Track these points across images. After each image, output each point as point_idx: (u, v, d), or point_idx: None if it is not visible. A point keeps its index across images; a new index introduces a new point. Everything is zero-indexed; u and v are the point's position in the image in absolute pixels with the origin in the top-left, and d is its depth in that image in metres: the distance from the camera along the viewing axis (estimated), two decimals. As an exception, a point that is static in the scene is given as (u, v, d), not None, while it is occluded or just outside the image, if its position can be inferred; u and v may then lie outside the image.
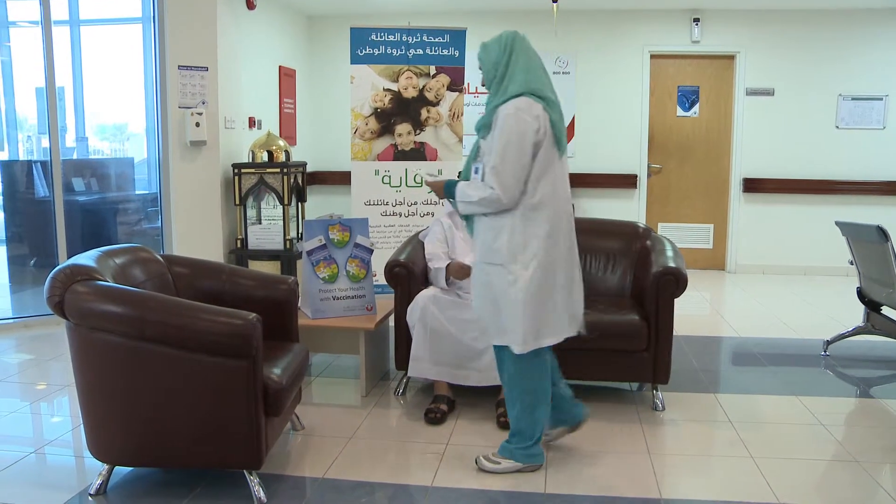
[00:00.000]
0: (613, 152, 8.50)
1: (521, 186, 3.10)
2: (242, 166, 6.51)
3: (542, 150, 3.10)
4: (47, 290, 2.97)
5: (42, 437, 3.87)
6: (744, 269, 8.55)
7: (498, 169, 3.08)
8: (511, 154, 3.06)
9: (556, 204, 3.17)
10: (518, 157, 3.07)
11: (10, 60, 7.07)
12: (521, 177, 3.09)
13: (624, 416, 4.06)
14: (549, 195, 3.15)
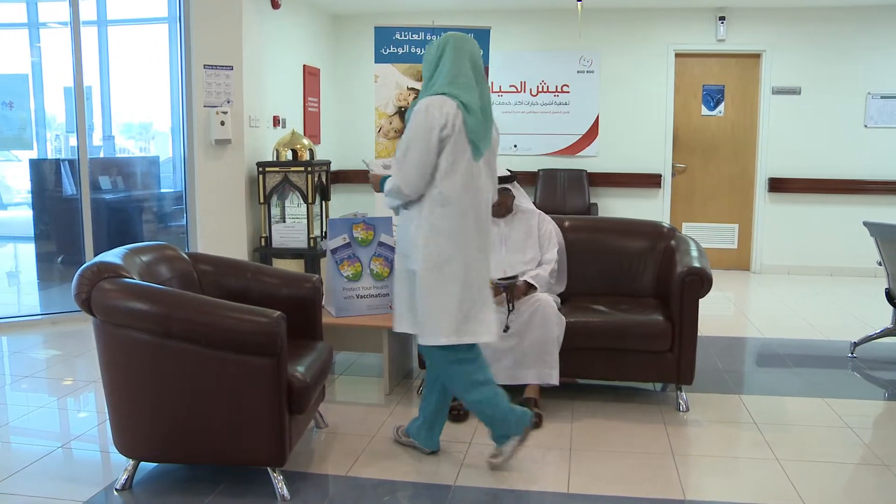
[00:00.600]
0: (637, 151, 8.46)
1: (425, 179, 3.14)
2: (267, 165, 6.53)
3: (449, 146, 3.12)
4: (75, 287, 3.00)
5: (69, 433, 3.91)
6: (769, 269, 8.48)
7: (401, 161, 3.16)
8: (414, 148, 3.12)
9: (463, 202, 3.18)
10: (420, 151, 3.11)
11: (39, 61, 7.15)
12: (424, 171, 3.13)
13: (647, 416, 4.04)
14: (457, 192, 3.16)
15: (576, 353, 4.09)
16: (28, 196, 7.24)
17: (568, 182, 8.38)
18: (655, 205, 8.48)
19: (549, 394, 4.18)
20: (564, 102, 8.49)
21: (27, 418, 4.05)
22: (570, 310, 4.22)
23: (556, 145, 8.55)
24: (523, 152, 8.56)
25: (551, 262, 4.30)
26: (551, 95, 8.50)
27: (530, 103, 8.54)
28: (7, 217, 8.99)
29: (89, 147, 6.23)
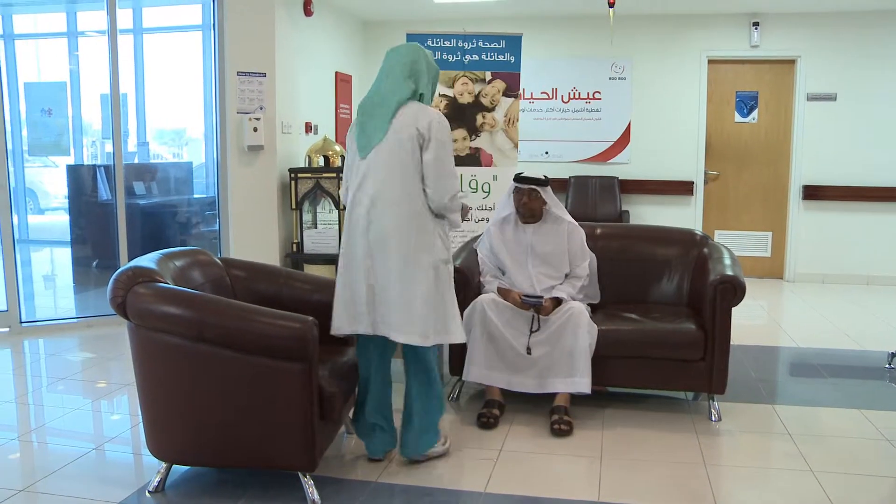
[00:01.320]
0: (670, 159, 8.41)
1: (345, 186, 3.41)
2: (299, 171, 6.58)
3: (349, 153, 3.38)
4: (110, 292, 3.03)
5: (102, 435, 3.95)
6: (803, 277, 8.37)
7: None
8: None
9: (352, 207, 3.34)
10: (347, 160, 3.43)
11: (77, 69, 7.25)
12: (346, 178, 3.41)
13: (679, 425, 4.00)
14: (351, 198, 3.36)
15: (607, 362, 4.06)
16: (65, 201, 7.35)
17: (599, 189, 8.35)
18: (688, 212, 8.42)
19: (579, 402, 4.15)
20: (596, 109, 8.47)
21: (63, 420, 4.10)
22: (602, 318, 4.20)
23: (587, 152, 8.52)
24: (554, 159, 8.54)
25: (581, 277, 4.25)
26: (583, 102, 8.48)
27: (562, 110, 8.52)
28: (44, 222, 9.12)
29: (124, 153, 6.30)
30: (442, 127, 3.25)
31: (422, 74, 3.35)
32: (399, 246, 3.24)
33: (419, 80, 3.34)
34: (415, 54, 3.37)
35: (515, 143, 6.39)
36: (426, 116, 3.26)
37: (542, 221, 4.34)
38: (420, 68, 3.34)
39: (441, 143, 3.24)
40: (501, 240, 4.34)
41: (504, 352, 4.03)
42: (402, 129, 3.25)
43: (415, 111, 3.27)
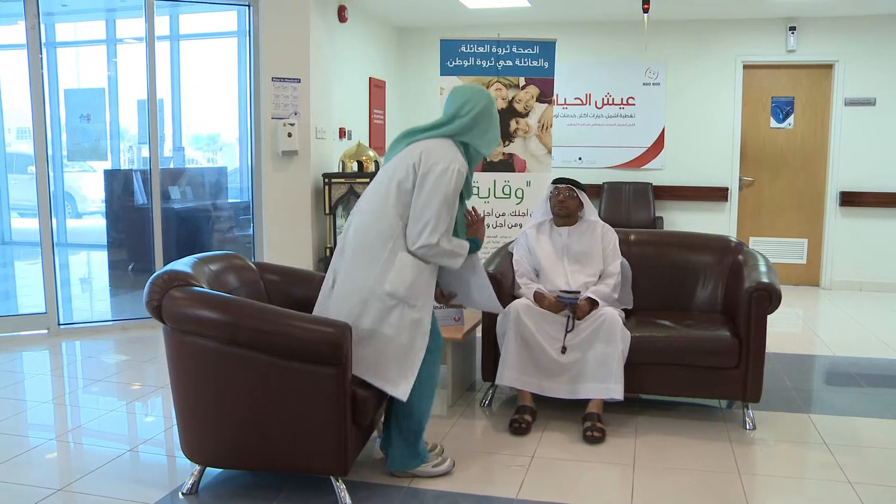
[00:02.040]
0: (704, 164, 8.34)
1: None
2: (333, 176, 6.61)
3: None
4: (146, 295, 3.06)
5: (137, 436, 3.99)
6: (839, 285, 8.25)
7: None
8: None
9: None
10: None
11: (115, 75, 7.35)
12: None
13: (713, 433, 3.97)
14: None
15: (640, 369, 4.04)
16: (102, 205, 7.44)
17: (633, 195, 8.30)
18: (722, 219, 8.34)
19: (611, 409, 4.13)
20: (630, 115, 8.42)
21: (98, 421, 4.15)
22: (635, 324, 4.18)
23: (620, 158, 8.48)
24: (588, 165, 8.51)
25: (614, 276, 4.26)
26: (616, 108, 8.44)
27: (595, 116, 8.49)
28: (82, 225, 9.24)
29: (160, 158, 6.38)
30: (443, 174, 3.05)
31: (466, 118, 3.19)
32: (350, 257, 3.19)
33: (462, 122, 3.19)
34: (470, 96, 3.25)
35: (549, 149, 6.37)
36: (435, 157, 3.09)
37: (577, 224, 4.39)
38: (469, 111, 3.20)
39: (432, 189, 3.05)
40: (538, 242, 4.39)
41: (537, 356, 4.02)
42: (406, 156, 3.16)
43: (431, 147, 3.14)
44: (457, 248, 3.18)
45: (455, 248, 3.18)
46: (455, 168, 3.09)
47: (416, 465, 3.39)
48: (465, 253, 3.23)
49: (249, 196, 6.66)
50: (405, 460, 3.38)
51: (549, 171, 6.34)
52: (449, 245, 3.13)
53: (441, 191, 3.06)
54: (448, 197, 3.08)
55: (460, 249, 3.20)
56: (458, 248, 3.19)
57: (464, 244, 3.23)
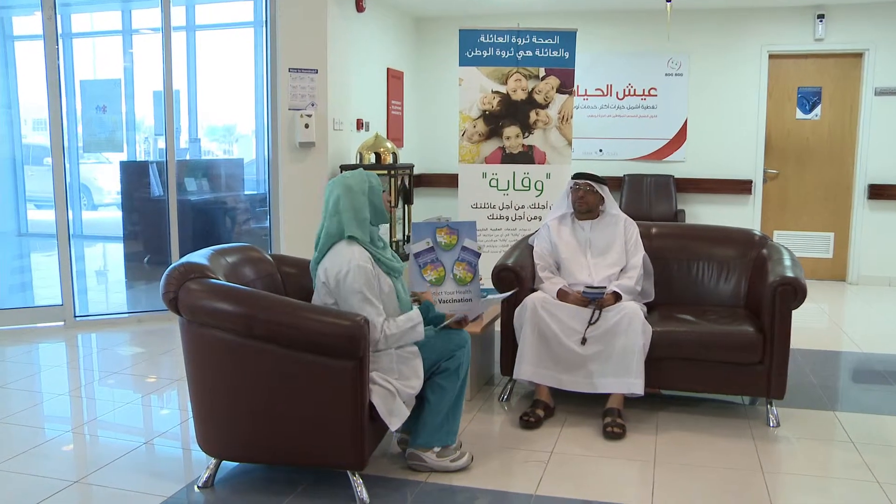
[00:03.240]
0: (727, 157, 8.28)
1: None
2: (350, 168, 6.62)
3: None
4: (163, 287, 3.09)
5: (152, 429, 4.03)
6: (867, 280, 8.18)
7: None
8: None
9: None
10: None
11: (131, 66, 7.39)
12: None
13: (735, 431, 3.95)
14: None
15: (661, 364, 4.03)
16: (118, 197, 7.48)
17: (654, 188, 8.27)
18: (746, 212, 8.29)
19: (632, 404, 4.13)
20: (652, 106, 8.38)
21: (114, 414, 4.19)
22: (657, 319, 4.17)
23: (642, 150, 8.44)
24: (608, 157, 8.48)
25: (637, 268, 4.26)
26: (638, 99, 8.40)
27: (616, 107, 8.45)
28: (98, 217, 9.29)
29: (176, 149, 6.42)
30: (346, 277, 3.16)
31: (330, 218, 3.29)
32: None
33: (330, 222, 3.28)
34: (327, 195, 3.34)
35: (569, 141, 6.36)
36: (335, 268, 3.20)
37: (600, 218, 4.41)
38: (327, 209, 3.30)
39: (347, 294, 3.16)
40: (559, 234, 4.41)
41: (555, 350, 4.03)
42: (318, 284, 3.29)
43: (327, 263, 3.24)
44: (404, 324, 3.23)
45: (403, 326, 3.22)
46: (352, 266, 3.16)
47: (442, 440, 3.39)
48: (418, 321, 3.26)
49: (266, 188, 6.69)
50: (432, 433, 3.38)
51: (569, 163, 6.33)
52: (396, 328, 3.20)
53: (354, 290, 3.15)
54: (357, 293, 3.15)
55: (409, 323, 3.24)
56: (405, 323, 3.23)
57: (411, 316, 3.27)
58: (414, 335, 3.25)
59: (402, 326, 3.22)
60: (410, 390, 3.21)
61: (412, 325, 3.24)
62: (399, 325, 3.22)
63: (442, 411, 3.37)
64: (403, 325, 3.22)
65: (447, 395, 3.36)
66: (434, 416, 3.36)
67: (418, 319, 3.27)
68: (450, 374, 3.34)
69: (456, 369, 3.35)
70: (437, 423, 3.37)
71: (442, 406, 3.36)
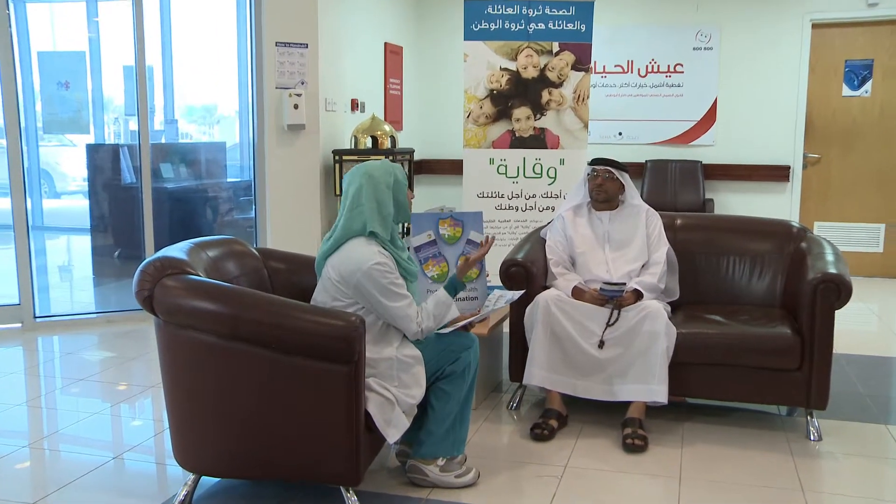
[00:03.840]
0: (762, 140, 8.28)
1: None
2: (344, 153, 6.65)
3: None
4: (136, 284, 3.10)
5: (123, 443, 4.04)
6: (919, 278, 8.21)
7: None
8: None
9: None
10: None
11: (97, 37, 7.38)
12: None
13: (771, 444, 3.96)
14: None
15: (687, 369, 4.05)
16: (84, 184, 7.49)
17: (680, 175, 8.28)
18: (782, 201, 8.29)
19: (655, 414, 4.15)
20: (677, 84, 8.39)
21: (78, 426, 4.20)
22: (682, 319, 4.19)
23: (666, 133, 8.46)
24: (629, 141, 8.49)
25: (660, 264, 4.28)
26: (662, 76, 8.41)
27: (638, 85, 8.46)
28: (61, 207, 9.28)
29: (150, 131, 6.42)
30: (364, 278, 3.21)
31: (349, 210, 3.35)
32: None
33: (349, 215, 3.35)
34: (347, 184, 3.41)
35: (585, 123, 6.38)
36: (349, 269, 3.24)
37: (620, 209, 4.43)
38: (349, 201, 3.36)
39: (369, 294, 3.22)
40: (575, 226, 4.43)
41: (570, 353, 4.05)
42: (326, 282, 3.34)
43: (338, 262, 3.29)
44: (438, 311, 3.37)
45: (438, 314, 3.37)
46: (372, 263, 3.21)
47: (447, 451, 3.42)
48: (450, 302, 3.41)
49: (251, 175, 6.71)
50: (436, 443, 3.41)
51: (585, 147, 6.34)
52: (433, 320, 3.34)
53: (382, 286, 3.22)
54: (386, 290, 3.22)
55: (443, 308, 3.38)
56: (438, 309, 3.37)
57: (441, 300, 3.39)
58: (450, 317, 3.40)
59: (437, 314, 3.35)
60: (411, 399, 3.23)
61: (446, 307, 3.39)
62: (433, 313, 3.34)
63: (447, 419, 3.39)
64: (437, 313, 3.35)
65: (453, 401, 3.38)
66: (439, 424, 3.38)
67: (448, 300, 3.39)
68: (455, 377, 3.36)
69: (462, 372, 3.37)
70: (442, 432, 3.39)
71: (447, 413, 3.38)
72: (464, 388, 3.40)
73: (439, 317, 3.35)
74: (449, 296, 3.40)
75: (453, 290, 3.46)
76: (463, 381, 3.39)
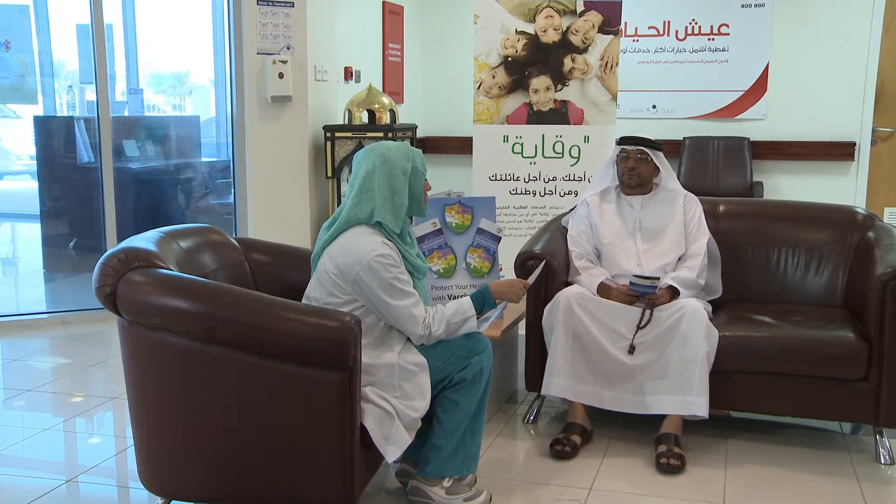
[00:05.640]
0: (823, 112, 8.22)
1: None
2: (336, 129, 6.66)
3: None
4: (97, 279, 3.11)
5: (77, 464, 4.04)
6: None
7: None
8: None
9: None
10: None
11: (46, -11, 7.37)
12: None
13: (831, 467, 3.95)
14: None
15: (731, 378, 4.06)
16: (31, 163, 7.50)
17: (723, 154, 8.26)
18: (846, 184, 8.25)
19: (693, 429, 4.16)
20: (722, 48, 8.37)
21: (24, 445, 4.18)
22: (725, 320, 4.20)
23: (708, 105, 8.44)
24: (664, 115, 8.48)
25: (699, 256, 4.29)
26: (704, 39, 8.38)
27: (676, 50, 8.44)
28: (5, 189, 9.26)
29: (111, 102, 6.40)
30: (364, 272, 3.22)
31: (359, 194, 3.35)
32: None
33: (356, 201, 3.34)
34: (358, 163, 3.40)
35: (614, 95, 6.39)
36: (347, 261, 3.26)
37: (653, 193, 4.44)
38: (359, 184, 3.36)
39: (369, 292, 3.24)
40: (601, 213, 4.45)
41: (595, 359, 4.07)
42: (322, 275, 3.35)
43: (335, 253, 3.31)
44: (453, 319, 3.35)
45: (452, 322, 3.35)
46: (372, 257, 3.22)
47: (455, 470, 3.42)
48: (471, 315, 3.37)
49: (229, 154, 6.72)
50: (443, 461, 3.41)
51: (613, 122, 6.35)
52: (444, 328, 3.33)
53: (385, 281, 3.23)
54: (388, 286, 3.23)
55: (460, 317, 3.35)
56: (455, 318, 3.35)
57: (462, 308, 3.37)
58: (464, 331, 3.37)
59: (450, 323, 3.33)
60: (414, 413, 3.24)
61: (463, 320, 3.35)
62: (448, 320, 3.33)
63: (456, 433, 3.38)
64: (453, 322, 3.34)
65: (462, 413, 3.37)
66: (446, 439, 3.37)
67: (471, 312, 3.36)
68: (465, 386, 3.35)
69: (473, 380, 3.36)
70: (449, 449, 3.38)
71: (456, 426, 3.37)
72: (475, 398, 3.40)
73: (453, 327, 3.33)
74: (473, 308, 3.37)
75: (481, 305, 3.43)
76: (474, 390, 3.38)
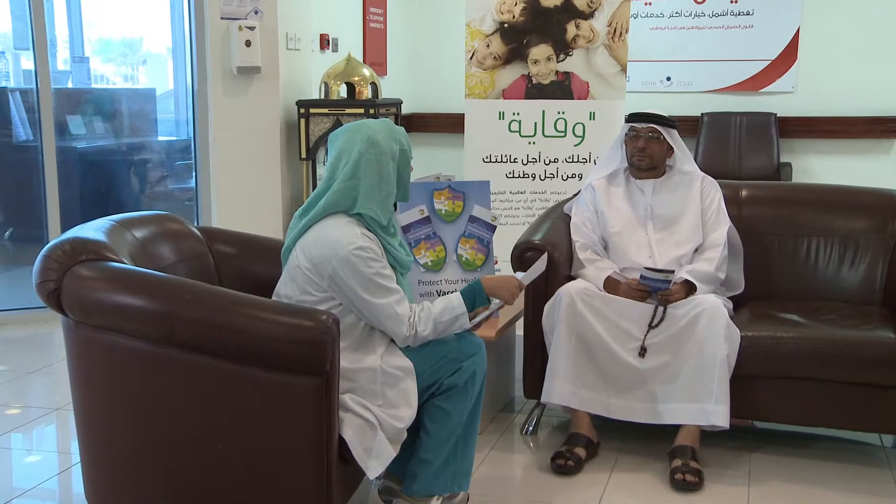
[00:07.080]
0: (860, 85, 8.22)
1: None
2: (311, 104, 6.66)
3: None
4: (38, 274, 3.10)
5: (12, 486, 4.00)
6: None
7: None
8: None
9: None
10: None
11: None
12: None
13: (869, 484, 3.96)
14: None
15: (754, 384, 4.08)
16: (-42, 142, 7.49)
17: (746, 131, 8.27)
18: (886, 165, 8.26)
19: (712, 441, 4.16)
20: (746, 12, 8.36)
21: (-47, 463, 4.20)
22: (748, 319, 4.22)
23: (729, 78, 8.45)
24: (679, 88, 8.49)
25: (718, 247, 4.29)
26: (726, 2, 8.39)
27: (693, 15, 8.45)
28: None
29: (52, 72, 6.37)
30: (341, 266, 3.22)
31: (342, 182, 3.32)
32: None
33: (337, 188, 3.31)
34: (341, 146, 3.37)
35: (623, 66, 6.38)
36: (323, 254, 3.25)
37: (667, 176, 4.45)
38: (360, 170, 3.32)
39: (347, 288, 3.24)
40: (608, 199, 4.45)
41: (602, 363, 4.09)
42: (293, 270, 3.35)
43: (308, 244, 3.30)
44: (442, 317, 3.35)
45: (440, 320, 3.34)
46: (349, 249, 3.21)
47: (445, 487, 3.43)
48: (461, 312, 3.35)
49: (190, 132, 6.72)
50: (432, 477, 3.42)
51: (622, 97, 6.35)
52: (431, 328, 3.32)
53: (366, 277, 3.23)
54: (369, 282, 3.23)
55: (449, 315, 3.35)
56: (444, 316, 3.34)
57: (452, 306, 3.36)
58: (454, 330, 3.37)
59: (440, 322, 3.33)
60: (398, 423, 3.24)
61: (453, 318, 3.34)
62: (436, 319, 3.32)
63: (446, 445, 3.38)
64: (441, 321, 3.33)
65: (453, 423, 3.37)
66: (435, 452, 3.38)
67: (461, 310, 3.35)
68: (456, 393, 3.35)
69: (464, 386, 3.36)
70: (438, 463, 3.39)
71: (445, 438, 3.37)
72: (467, 406, 3.40)
73: (442, 326, 3.33)
74: (464, 305, 3.35)
75: (472, 302, 3.41)
76: (466, 397, 3.38)
